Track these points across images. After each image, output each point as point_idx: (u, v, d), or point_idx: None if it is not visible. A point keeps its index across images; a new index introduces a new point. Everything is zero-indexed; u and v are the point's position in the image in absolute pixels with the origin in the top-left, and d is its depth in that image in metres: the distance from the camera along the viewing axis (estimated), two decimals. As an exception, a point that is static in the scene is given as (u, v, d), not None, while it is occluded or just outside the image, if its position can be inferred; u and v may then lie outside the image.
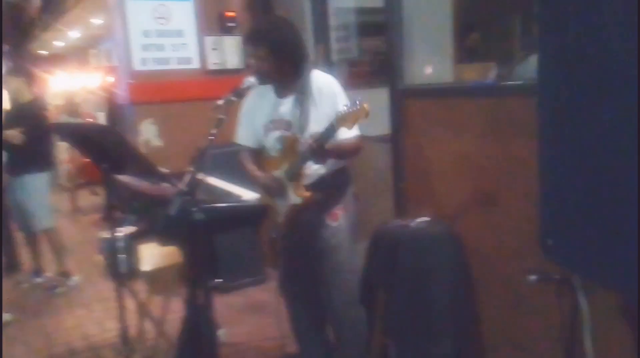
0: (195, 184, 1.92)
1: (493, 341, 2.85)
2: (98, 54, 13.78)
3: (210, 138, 2.10)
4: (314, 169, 2.56)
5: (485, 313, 2.87)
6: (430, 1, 3.40)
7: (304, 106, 2.55)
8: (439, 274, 2.72)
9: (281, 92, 2.66)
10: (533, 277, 2.33)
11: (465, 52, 5.37)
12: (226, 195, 2.13)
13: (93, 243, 6.18)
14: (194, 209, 1.84)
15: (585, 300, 2.12)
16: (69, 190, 8.48)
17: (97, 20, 9.93)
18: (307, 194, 2.48)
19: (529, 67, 3.11)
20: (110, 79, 9.61)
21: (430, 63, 3.39)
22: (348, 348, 2.88)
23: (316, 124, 2.51)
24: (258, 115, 2.73)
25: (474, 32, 5.74)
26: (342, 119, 2.23)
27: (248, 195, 2.10)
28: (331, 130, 2.30)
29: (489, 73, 3.15)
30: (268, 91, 2.70)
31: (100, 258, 3.13)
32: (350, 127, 2.26)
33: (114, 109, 9.15)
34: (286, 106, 2.62)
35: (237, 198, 2.09)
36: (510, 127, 2.64)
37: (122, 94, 4.75)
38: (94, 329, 3.94)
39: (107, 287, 4.66)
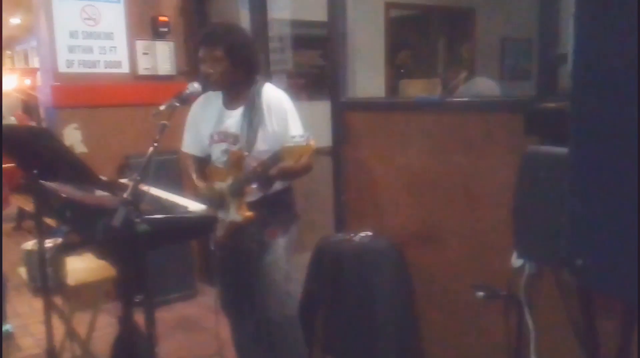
0: (139, 194, 1.79)
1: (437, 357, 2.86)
2: (13, 55, 13.09)
3: (154, 144, 1.96)
4: (257, 188, 2.47)
5: (429, 330, 2.87)
6: (366, 18, 3.43)
7: (253, 122, 2.47)
8: (382, 290, 2.71)
9: (229, 102, 2.58)
10: (480, 293, 2.35)
11: (395, 69, 5.52)
12: (171, 206, 2.01)
13: (3, 256, 5.82)
14: (138, 220, 1.72)
15: (531, 316, 2.16)
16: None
17: (14, 20, 9.41)
18: (249, 214, 2.41)
19: (473, 87, 3.22)
20: (27, 81, 9.14)
21: (365, 78, 3.41)
22: None
23: (263, 143, 2.46)
24: (204, 124, 2.64)
25: (404, 50, 5.87)
26: (288, 153, 2.17)
27: (194, 206, 1.99)
28: (275, 160, 2.24)
29: (434, 89, 3.20)
30: (216, 99, 2.61)
31: (22, 271, 2.89)
32: (294, 162, 2.19)
33: (29, 113, 8.69)
34: (234, 118, 2.54)
35: (183, 209, 1.98)
36: (453, 142, 2.67)
37: (45, 97, 4.47)
38: (7, 348, 3.65)
39: (20, 302, 4.37)
